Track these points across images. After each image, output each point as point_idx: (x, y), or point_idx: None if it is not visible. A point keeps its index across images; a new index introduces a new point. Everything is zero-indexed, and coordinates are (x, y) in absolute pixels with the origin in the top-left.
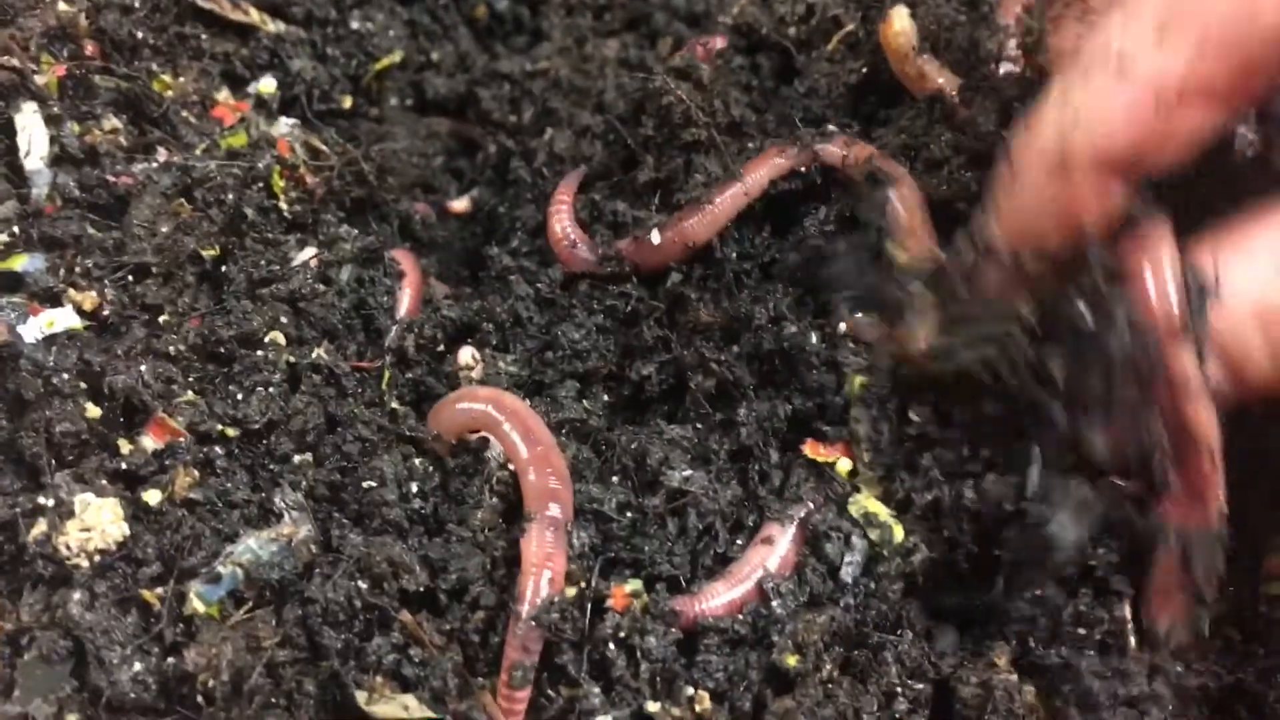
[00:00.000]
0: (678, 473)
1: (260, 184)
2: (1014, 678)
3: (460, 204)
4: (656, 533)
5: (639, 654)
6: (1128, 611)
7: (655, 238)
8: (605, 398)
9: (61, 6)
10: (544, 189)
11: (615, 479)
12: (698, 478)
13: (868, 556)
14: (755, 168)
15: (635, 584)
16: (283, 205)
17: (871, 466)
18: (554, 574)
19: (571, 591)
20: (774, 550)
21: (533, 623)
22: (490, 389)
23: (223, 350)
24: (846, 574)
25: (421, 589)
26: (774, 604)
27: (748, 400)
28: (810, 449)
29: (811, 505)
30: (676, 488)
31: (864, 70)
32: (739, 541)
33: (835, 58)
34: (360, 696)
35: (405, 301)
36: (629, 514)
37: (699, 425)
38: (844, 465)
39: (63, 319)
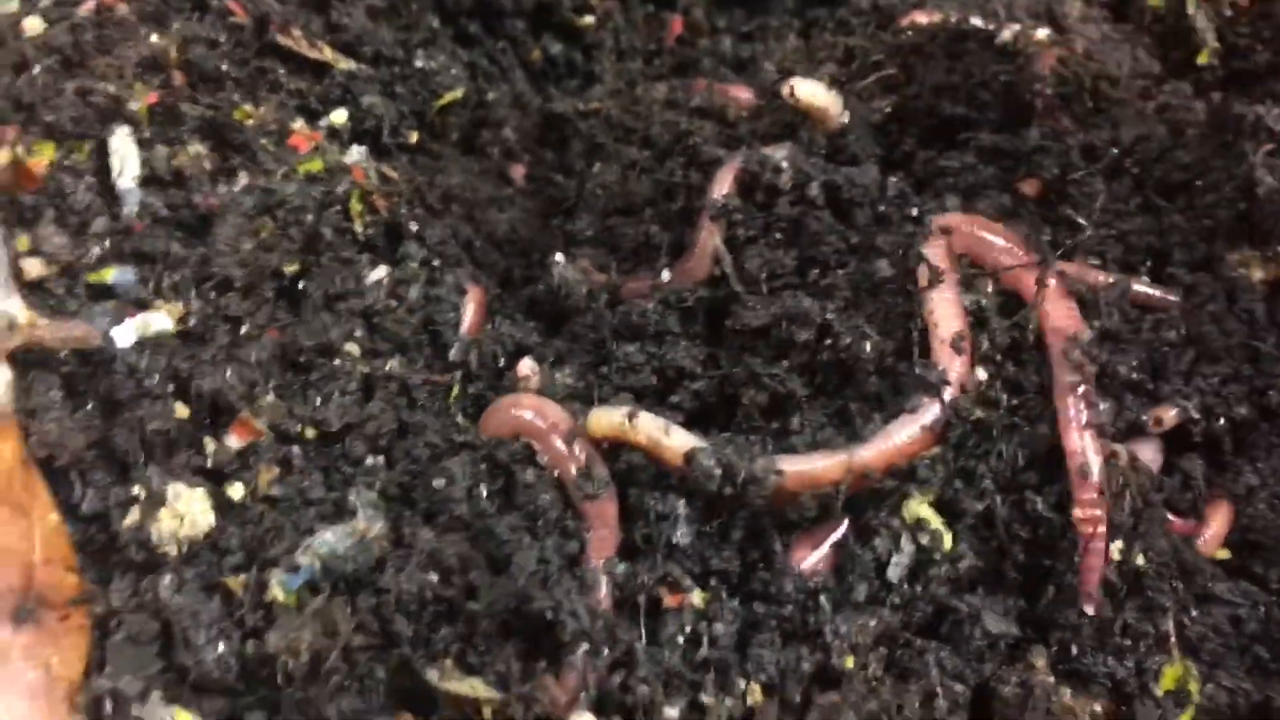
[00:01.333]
0: None
1: (337, 207)
2: (1052, 679)
3: None
4: (704, 533)
5: (695, 648)
6: (1171, 625)
7: (665, 275)
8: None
9: (154, 39)
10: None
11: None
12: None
13: (915, 560)
14: (714, 187)
15: (689, 582)
16: (357, 228)
17: (926, 474)
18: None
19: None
20: None
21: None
22: (535, 398)
23: (302, 359)
24: (893, 575)
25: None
26: (821, 598)
27: (800, 410)
28: None
29: None
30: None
31: (889, 109)
32: (787, 543)
33: (864, 95)
34: (432, 674)
35: (469, 319)
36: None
37: (752, 437)
38: None
39: (157, 321)
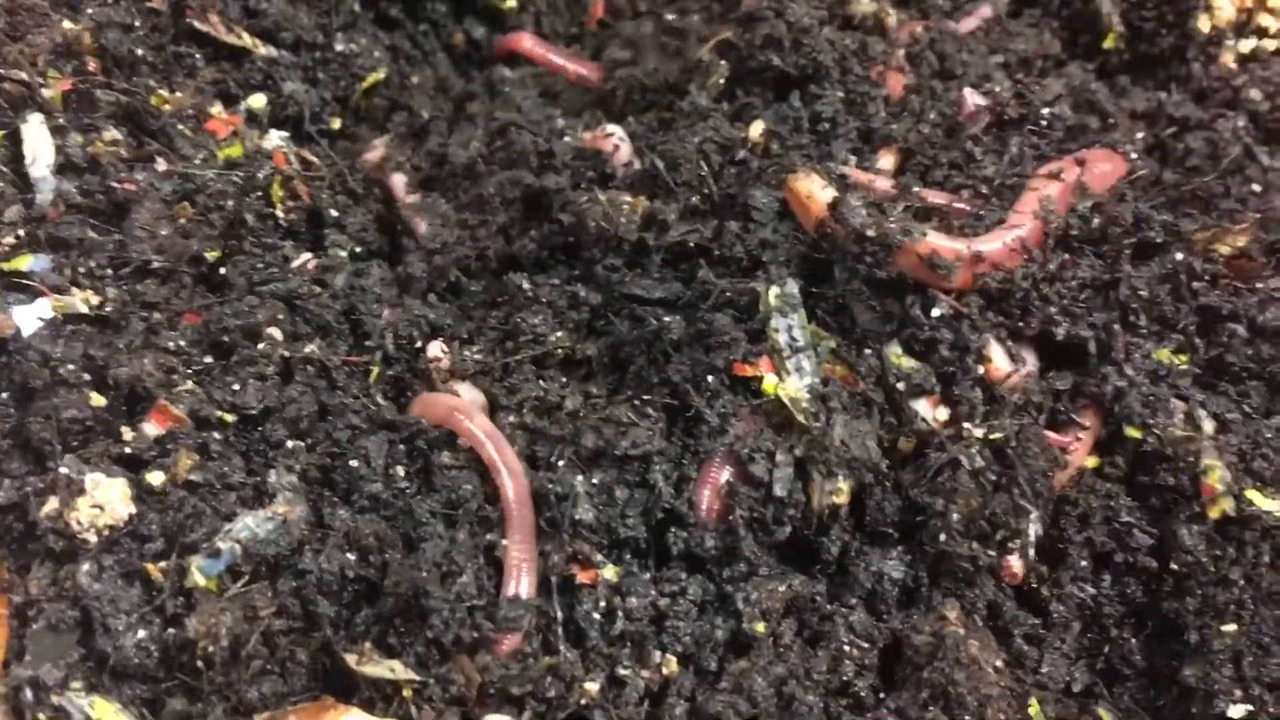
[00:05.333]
0: (624, 441)
1: (259, 192)
2: (962, 631)
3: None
4: (608, 501)
5: (611, 622)
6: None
7: None
8: (562, 379)
9: (67, 25)
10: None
11: (569, 454)
12: (639, 440)
13: (794, 470)
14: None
15: (599, 557)
16: (279, 213)
17: (790, 370)
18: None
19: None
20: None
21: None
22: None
23: (225, 340)
24: (779, 489)
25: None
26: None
27: (680, 350)
28: (738, 369)
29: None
30: (621, 455)
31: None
32: (683, 495)
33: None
34: (351, 658)
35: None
36: (583, 487)
37: (638, 400)
38: (769, 381)
39: (73, 309)
